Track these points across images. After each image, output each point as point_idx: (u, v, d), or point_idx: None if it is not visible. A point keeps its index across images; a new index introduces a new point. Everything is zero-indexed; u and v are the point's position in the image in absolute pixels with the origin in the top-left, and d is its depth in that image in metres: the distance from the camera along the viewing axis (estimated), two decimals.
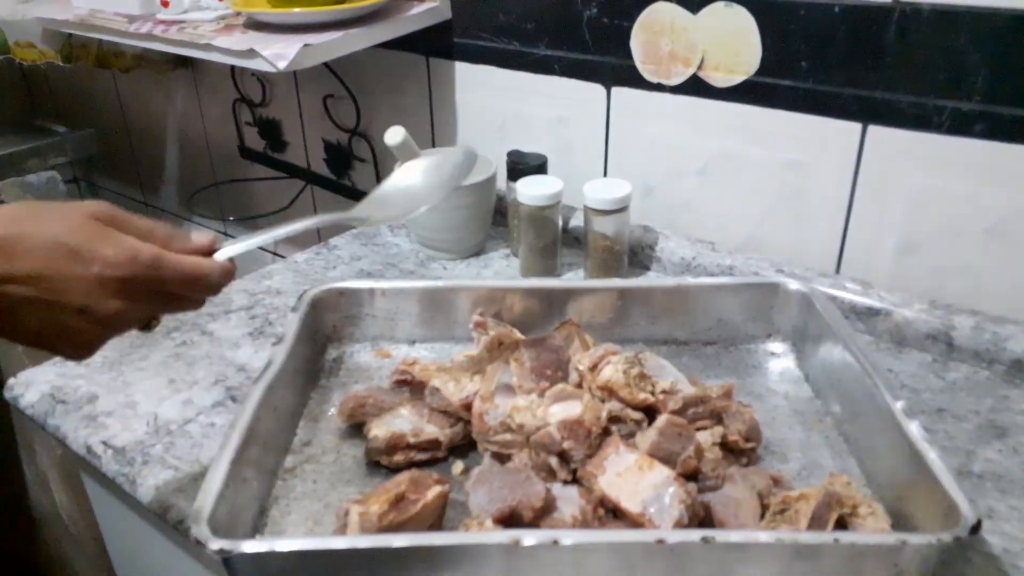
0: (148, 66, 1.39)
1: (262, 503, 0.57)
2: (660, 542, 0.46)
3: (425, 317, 0.74)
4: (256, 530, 0.55)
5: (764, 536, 0.47)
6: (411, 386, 0.65)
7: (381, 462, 0.60)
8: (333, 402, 0.68)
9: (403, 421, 0.61)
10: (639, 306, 0.73)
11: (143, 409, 0.68)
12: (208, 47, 0.91)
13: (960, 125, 0.69)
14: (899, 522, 0.53)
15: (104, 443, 0.65)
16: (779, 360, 0.73)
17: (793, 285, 0.72)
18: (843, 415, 0.64)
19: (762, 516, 0.53)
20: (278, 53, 0.85)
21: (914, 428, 0.54)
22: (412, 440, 0.60)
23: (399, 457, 0.60)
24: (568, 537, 0.47)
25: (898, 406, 0.56)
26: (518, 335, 0.70)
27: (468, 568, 0.48)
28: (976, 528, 0.46)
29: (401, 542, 0.47)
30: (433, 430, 0.61)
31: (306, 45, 0.86)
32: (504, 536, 0.47)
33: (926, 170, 0.73)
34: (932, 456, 0.52)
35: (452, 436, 0.61)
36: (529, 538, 0.47)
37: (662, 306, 0.73)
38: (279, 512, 0.57)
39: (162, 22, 1.00)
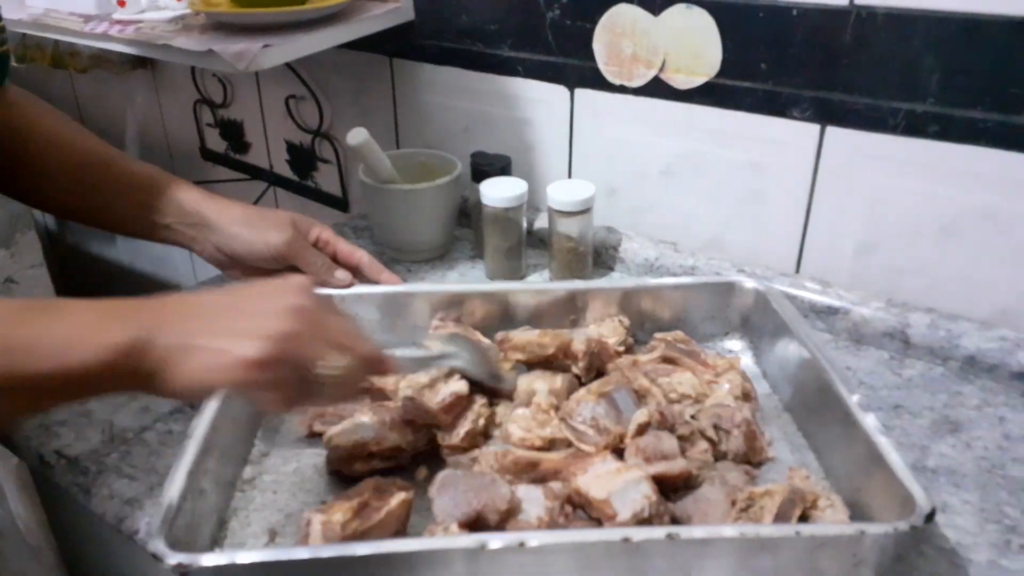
0: (106, 67, 1.36)
1: (220, 515, 0.56)
2: (626, 540, 0.47)
3: (386, 323, 0.73)
4: (215, 543, 0.54)
5: (728, 531, 0.48)
6: (371, 393, 0.64)
7: (343, 471, 0.60)
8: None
9: (365, 429, 0.60)
10: (600, 306, 0.74)
11: (98, 417, 0.67)
12: (166, 47, 0.90)
13: (914, 126, 0.71)
14: (857, 513, 0.54)
15: (57, 453, 0.63)
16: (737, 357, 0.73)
17: (749, 283, 0.73)
18: (800, 410, 0.65)
19: None
20: (238, 53, 0.84)
21: (870, 420, 0.55)
22: (375, 448, 0.59)
23: (361, 466, 0.59)
24: (534, 539, 0.47)
25: (854, 399, 0.57)
26: (481, 338, 0.69)
27: (435, 574, 0.47)
28: (931, 516, 0.47)
29: (365, 550, 0.47)
30: (396, 438, 0.60)
31: (266, 45, 0.85)
32: (470, 540, 0.47)
33: (883, 171, 0.74)
34: (888, 447, 0.53)
35: (415, 443, 0.61)
36: (495, 541, 0.46)
37: (622, 306, 0.74)
38: (238, 524, 0.56)
39: (119, 22, 0.98)
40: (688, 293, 0.74)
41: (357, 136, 0.83)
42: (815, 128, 0.76)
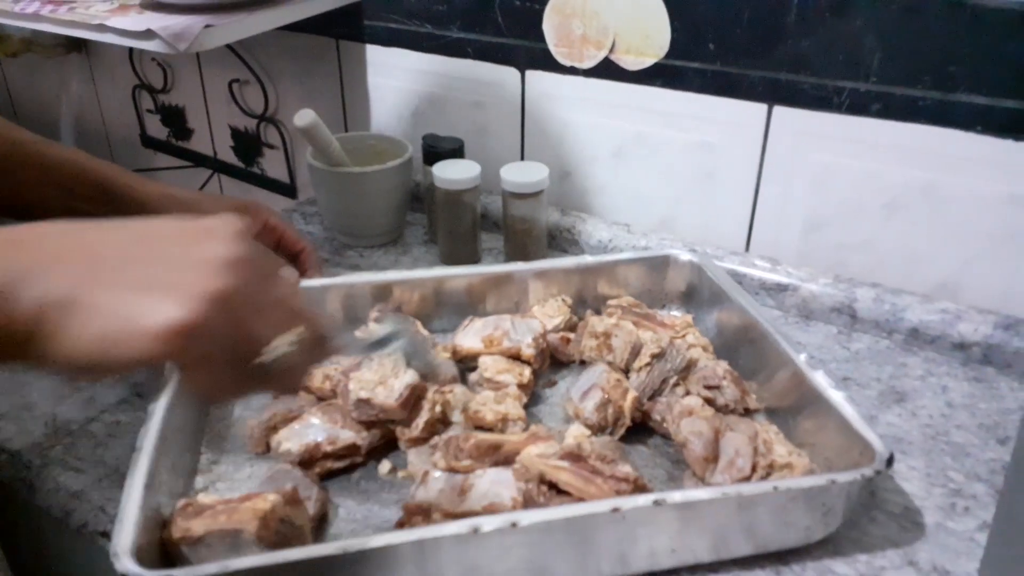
0: (38, 50, 1.31)
1: None
2: (615, 511, 0.47)
3: (327, 315, 0.71)
4: None
5: (709, 493, 0.49)
6: (314, 391, 0.63)
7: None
8: (235, 417, 0.63)
9: (316, 430, 0.57)
10: (542, 287, 0.74)
11: (40, 410, 0.64)
12: (102, 28, 0.86)
13: (857, 105, 0.72)
14: (816, 468, 0.55)
15: None
16: None
17: (684, 256, 0.75)
18: (745, 374, 0.65)
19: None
20: (178, 34, 0.81)
21: (820, 377, 0.57)
22: (329, 449, 0.57)
23: (316, 469, 0.57)
24: (526, 518, 0.46)
25: (802, 358, 0.59)
26: (420, 329, 0.69)
27: (424, 563, 0.46)
28: (891, 461, 0.49)
29: (356, 546, 0.45)
30: (350, 435, 0.58)
31: (208, 26, 0.82)
32: (462, 526, 0.46)
33: (828, 149, 0.75)
34: (841, 401, 0.54)
35: (371, 439, 0.59)
36: (487, 524, 0.46)
37: (563, 285, 0.74)
38: None
39: (51, 2, 0.94)
40: (625, 268, 0.75)
41: (305, 117, 0.81)
42: (763, 108, 0.77)
